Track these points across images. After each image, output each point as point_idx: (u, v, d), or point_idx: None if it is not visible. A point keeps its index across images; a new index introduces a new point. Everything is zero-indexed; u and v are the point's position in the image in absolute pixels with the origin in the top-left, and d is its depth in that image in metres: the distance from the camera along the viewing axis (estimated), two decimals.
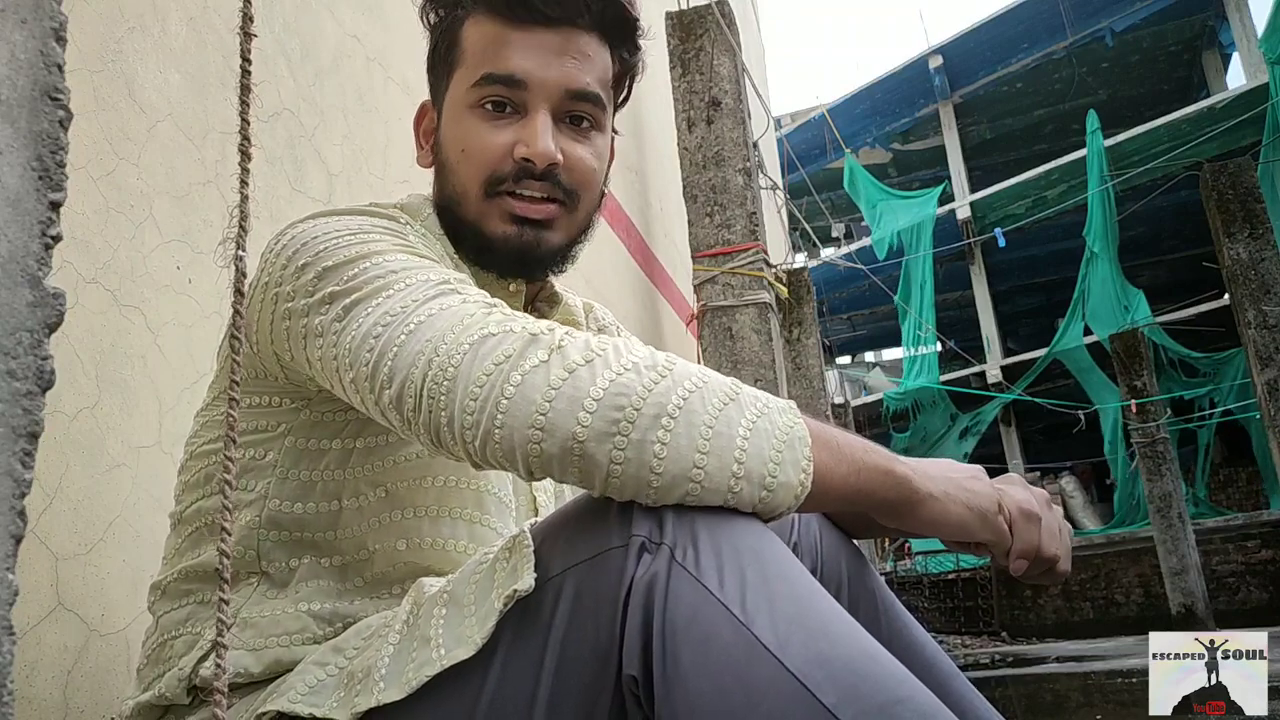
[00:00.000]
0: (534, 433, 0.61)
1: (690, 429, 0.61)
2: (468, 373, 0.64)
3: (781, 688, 0.56)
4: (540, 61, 0.85)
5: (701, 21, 4.14)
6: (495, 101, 0.85)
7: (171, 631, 0.83)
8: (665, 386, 0.62)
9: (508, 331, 0.65)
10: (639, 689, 0.61)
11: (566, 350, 0.63)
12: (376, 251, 0.75)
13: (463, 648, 0.65)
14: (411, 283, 0.71)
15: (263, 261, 0.81)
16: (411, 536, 0.85)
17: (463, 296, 0.70)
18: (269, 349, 0.80)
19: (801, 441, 0.65)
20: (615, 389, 0.61)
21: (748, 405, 0.64)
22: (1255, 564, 9.39)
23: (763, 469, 0.63)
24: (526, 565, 0.65)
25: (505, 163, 0.85)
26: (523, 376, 0.62)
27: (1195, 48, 13.70)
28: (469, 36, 0.87)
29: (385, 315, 0.69)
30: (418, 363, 0.66)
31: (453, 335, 0.66)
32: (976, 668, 5.90)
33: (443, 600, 0.70)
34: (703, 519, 0.63)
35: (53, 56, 0.45)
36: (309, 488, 0.82)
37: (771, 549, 0.63)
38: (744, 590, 0.60)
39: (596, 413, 0.61)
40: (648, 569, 0.62)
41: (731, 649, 0.58)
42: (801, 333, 6.33)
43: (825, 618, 0.60)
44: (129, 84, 1.25)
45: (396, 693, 0.66)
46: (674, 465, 0.62)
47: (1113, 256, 11.14)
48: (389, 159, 1.96)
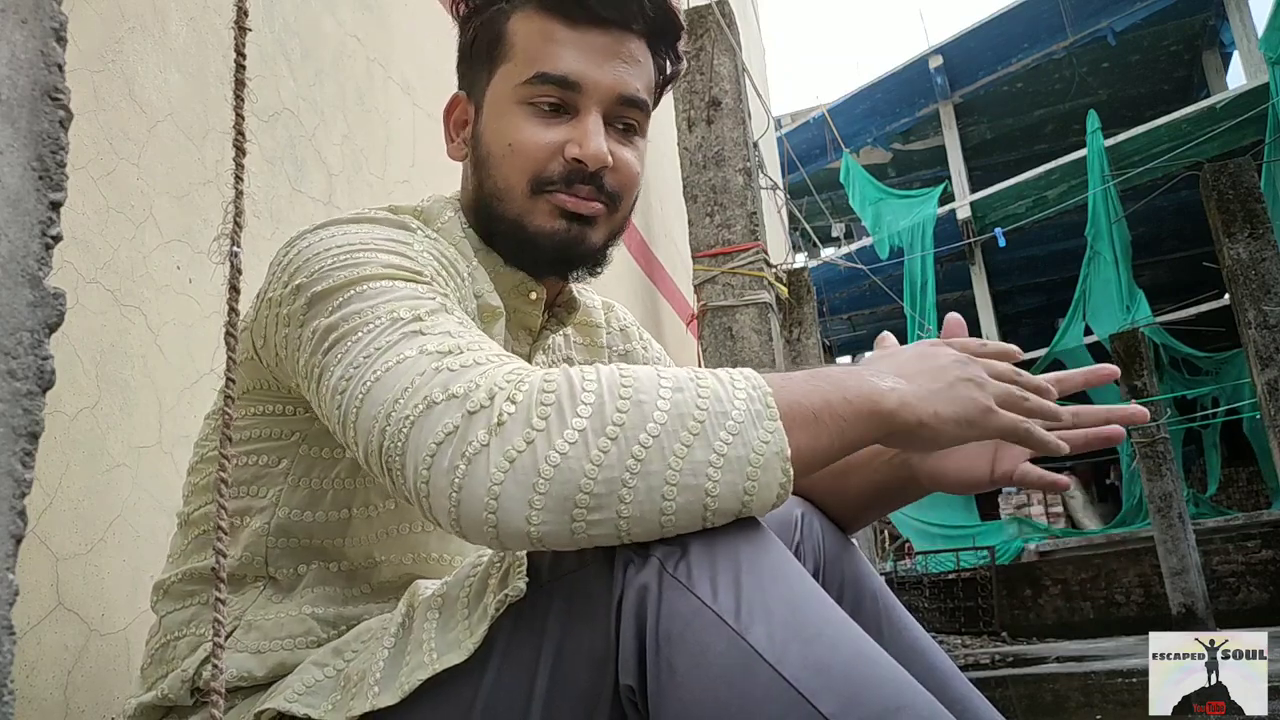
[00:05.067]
0: (488, 529, 0.60)
1: (650, 493, 0.59)
2: (415, 449, 0.62)
3: (779, 697, 0.55)
4: (594, 64, 0.84)
5: (702, 21, 4.14)
6: (550, 103, 0.84)
7: (175, 632, 0.83)
8: (615, 454, 0.58)
9: (450, 399, 0.62)
10: (636, 697, 0.61)
11: (506, 431, 0.60)
12: (363, 278, 0.73)
13: (454, 652, 0.65)
14: (381, 323, 0.69)
15: (270, 274, 0.80)
16: (418, 550, 0.85)
17: (422, 342, 0.67)
18: (277, 365, 0.80)
19: (778, 455, 0.61)
20: (560, 476, 0.58)
21: (715, 433, 0.60)
22: (1255, 564, 9.39)
23: (736, 500, 0.61)
24: (519, 570, 0.65)
25: (555, 162, 0.84)
26: (466, 466, 0.59)
27: (1195, 47, 13.70)
28: (516, 30, 0.86)
29: (349, 367, 0.68)
30: (373, 430, 0.65)
31: (401, 402, 0.64)
32: (977, 668, 5.90)
33: (436, 604, 0.70)
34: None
35: (53, 56, 0.45)
36: (319, 496, 0.82)
37: (768, 553, 0.62)
38: (739, 598, 0.59)
39: (545, 506, 0.58)
40: (636, 578, 0.61)
41: (726, 659, 0.57)
42: (801, 333, 6.33)
43: (824, 623, 0.59)
44: (129, 84, 1.25)
45: (390, 697, 0.65)
46: (642, 527, 0.60)
47: (1117, 256, 11.13)
48: (389, 159, 1.96)
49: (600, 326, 1.05)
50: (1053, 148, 14.01)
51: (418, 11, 2.25)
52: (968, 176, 13.96)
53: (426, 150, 2.10)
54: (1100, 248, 11.31)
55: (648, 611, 0.60)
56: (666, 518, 0.60)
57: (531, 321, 0.92)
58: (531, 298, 0.91)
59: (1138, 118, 12.56)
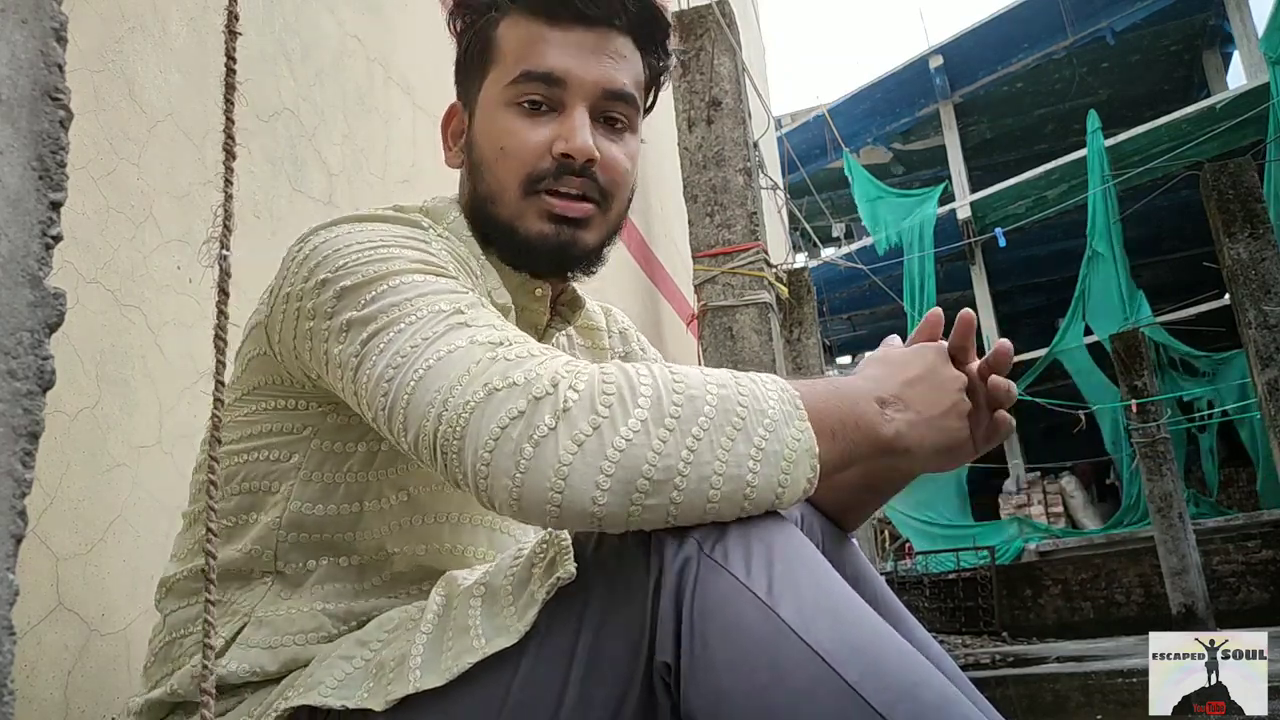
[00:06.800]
0: (551, 508, 0.63)
1: (700, 481, 0.63)
2: (476, 433, 0.64)
3: (807, 667, 0.59)
4: (578, 60, 0.85)
5: (701, 21, 4.14)
6: (533, 100, 0.86)
7: (180, 630, 0.83)
8: (673, 444, 0.63)
9: (511, 386, 0.65)
10: (670, 675, 0.63)
11: (573, 415, 0.63)
12: (394, 272, 0.74)
13: (503, 636, 0.67)
14: (423, 315, 0.71)
15: (284, 269, 0.81)
16: (431, 541, 0.86)
17: (471, 333, 0.70)
18: (294, 360, 0.80)
19: (809, 453, 0.66)
20: (626, 460, 0.62)
21: (755, 429, 0.65)
22: (1256, 564, 9.39)
23: (771, 491, 0.65)
24: (566, 555, 0.68)
25: (544, 160, 0.85)
26: (534, 448, 0.63)
27: (1196, 47, 13.69)
28: (504, 36, 0.88)
29: (396, 356, 0.70)
30: (429, 415, 0.67)
31: (459, 388, 0.66)
32: (977, 668, 5.91)
33: (479, 593, 0.72)
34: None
35: (53, 56, 0.45)
36: (332, 489, 0.83)
37: (796, 542, 0.66)
38: (770, 578, 0.62)
39: (610, 488, 0.62)
40: (675, 559, 0.64)
41: (758, 630, 0.60)
42: (802, 333, 6.33)
43: (847, 604, 0.63)
44: (129, 84, 1.25)
45: (435, 679, 0.67)
46: (688, 512, 0.64)
47: (1118, 256, 11.13)
48: (389, 159, 1.96)
49: (602, 330, 1.07)
50: (1053, 148, 14.00)
51: (418, 11, 2.25)
52: (968, 176, 13.95)
53: (427, 150, 2.10)
54: (1100, 248, 11.30)
55: (685, 589, 0.64)
56: (711, 505, 0.64)
57: (538, 319, 0.94)
58: (537, 294, 0.92)
59: (1138, 118, 12.55)
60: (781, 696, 0.58)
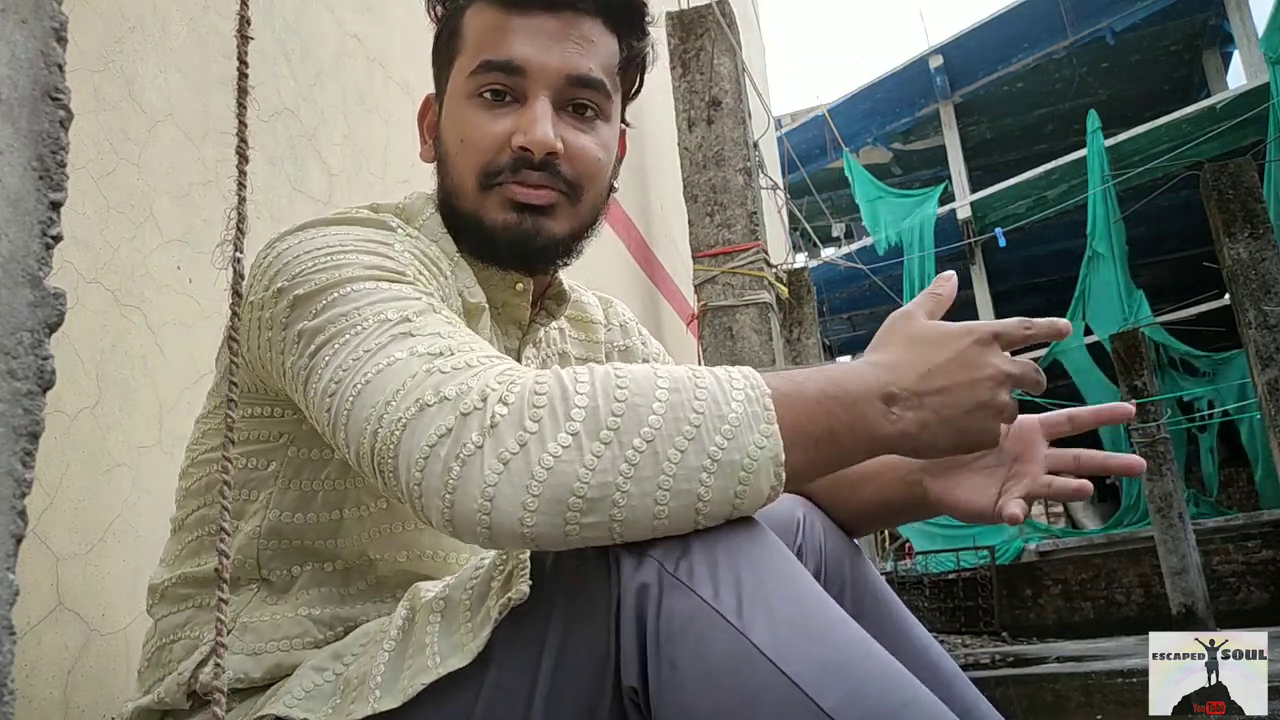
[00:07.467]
0: (481, 529, 0.60)
1: (644, 498, 0.59)
2: (408, 451, 0.62)
3: (779, 694, 0.55)
4: (540, 47, 0.82)
5: (701, 21, 4.14)
6: (494, 90, 0.83)
7: (170, 635, 0.83)
8: (609, 459, 0.58)
9: (442, 401, 0.62)
10: (639, 698, 0.61)
11: (500, 432, 0.60)
12: (345, 280, 0.72)
13: (457, 656, 0.65)
14: (369, 325, 0.69)
15: (250, 277, 0.79)
16: (412, 548, 0.84)
17: (413, 344, 0.67)
18: (261, 369, 0.79)
19: (773, 460, 0.61)
20: (553, 479, 0.58)
21: (710, 436, 0.60)
22: (1256, 564, 9.39)
23: (728, 504, 0.61)
24: (521, 573, 0.64)
25: (503, 153, 0.82)
26: (461, 467, 0.59)
27: (1196, 47, 13.69)
28: (469, 25, 0.85)
29: (339, 370, 0.67)
30: (365, 432, 0.65)
31: (394, 404, 0.63)
32: (977, 668, 5.90)
33: (438, 607, 0.70)
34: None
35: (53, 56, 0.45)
36: (310, 498, 0.82)
37: (769, 553, 0.62)
38: (740, 596, 0.59)
39: (538, 509, 0.58)
40: (635, 578, 0.61)
41: (727, 656, 0.57)
42: (802, 333, 6.33)
43: (826, 621, 0.59)
44: (129, 84, 1.24)
45: (391, 701, 0.65)
46: (635, 529, 0.60)
47: (1118, 256, 11.13)
48: (389, 159, 1.96)
49: (599, 323, 1.04)
50: (1053, 148, 14.00)
51: (418, 11, 2.24)
52: (968, 176, 13.96)
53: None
54: (1100, 248, 11.30)
55: (648, 611, 0.60)
56: (659, 521, 0.60)
57: (520, 315, 0.91)
58: (518, 289, 0.89)
59: (1138, 118, 12.54)
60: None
